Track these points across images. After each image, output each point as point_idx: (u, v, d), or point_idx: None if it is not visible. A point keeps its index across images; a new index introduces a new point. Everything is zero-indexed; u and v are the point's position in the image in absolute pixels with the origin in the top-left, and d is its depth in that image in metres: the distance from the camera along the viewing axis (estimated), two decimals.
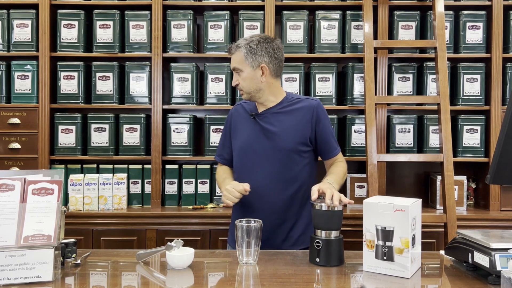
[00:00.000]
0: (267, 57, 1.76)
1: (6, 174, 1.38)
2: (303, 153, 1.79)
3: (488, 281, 1.32)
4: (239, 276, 1.40)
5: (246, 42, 1.76)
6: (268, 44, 1.77)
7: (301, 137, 1.77)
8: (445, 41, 2.58)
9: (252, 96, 1.81)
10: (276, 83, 1.84)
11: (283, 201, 1.77)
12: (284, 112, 1.80)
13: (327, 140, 1.81)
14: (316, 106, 1.81)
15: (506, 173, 1.34)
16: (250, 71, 1.76)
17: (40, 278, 1.30)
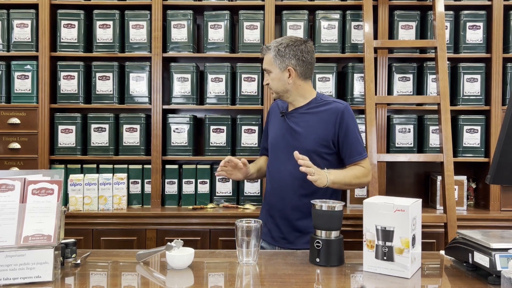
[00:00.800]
0: (295, 60, 1.81)
1: (6, 174, 1.38)
2: (325, 154, 1.81)
3: (488, 281, 1.32)
4: (239, 276, 1.40)
5: (275, 45, 1.82)
6: (296, 47, 1.81)
7: (322, 139, 1.80)
8: (445, 41, 2.58)
9: (281, 96, 1.87)
10: (305, 85, 1.87)
11: (302, 200, 1.80)
12: (311, 113, 1.84)
13: (350, 145, 1.80)
14: (343, 109, 1.81)
15: (506, 173, 1.34)
16: (278, 72, 1.82)
17: (40, 278, 1.30)
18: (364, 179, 1.82)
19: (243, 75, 2.83)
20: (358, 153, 1.81)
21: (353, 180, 1.78)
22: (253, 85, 2.83)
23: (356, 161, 1.82)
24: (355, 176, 1.79)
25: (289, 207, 1.83)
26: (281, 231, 1.86)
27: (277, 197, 1.87)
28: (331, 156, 1.83)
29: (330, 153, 1.82)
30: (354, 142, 1.81)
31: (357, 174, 1.79)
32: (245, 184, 2.82)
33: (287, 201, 1.84)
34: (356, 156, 1.81)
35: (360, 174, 1.80)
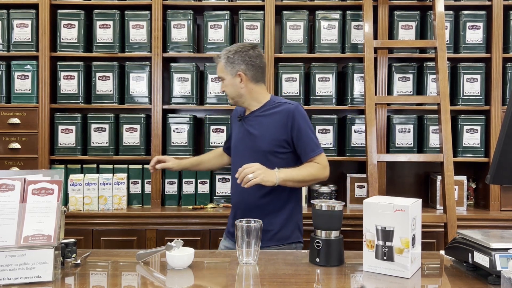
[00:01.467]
0: (244, 65, 1.89)
1: (6, 174, 1.38)
2: (281, 154, 1.87)
3: (488, 281, 1.32)
4: (239, 276, 1.40)
5: (225, 53, 1.92)
6: (244, 53, 1.90)
7: (276, 139, 1.86)
8: (445, 41, 2.58)
9: (236, 101, 1.96)
10: (258, 88, 1.94)
11: (261, 199, 1.86)
12: (265, 115, 1.91)
13: (303, 144, 1.86)
14: (293, 110, 1.88)
15: (506, 173, 1.34)
16: (230, 78, 1.91)
17: (40, 278, 1.30)
18: (319, 175, 1.87)
19: None
20: (311, 151, 1.86)
21: (306, 177, 1.83)
22: None
23: (310, 158, 1.87)
24: (309, 173, 1.84)
25: (250, 207, 1.89)
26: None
27: (239, 197, 1.94)
28: (287, 154, 1.89)
29: (286, 152, 1.88)
30: (307, 140, 1.86)
31: (311, 171, 1.84)
32: None
33: (248, 201, 1.89)
34: (309, 154, 1.86)
35: (314, 171, 1.85)
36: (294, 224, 1.94)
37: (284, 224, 1.90)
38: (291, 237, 1.92)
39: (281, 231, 1.88)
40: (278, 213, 1.89)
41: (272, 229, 1.87)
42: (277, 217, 1.89)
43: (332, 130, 2.83)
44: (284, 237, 1.90)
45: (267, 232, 1.84)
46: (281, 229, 1.89)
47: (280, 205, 1.90)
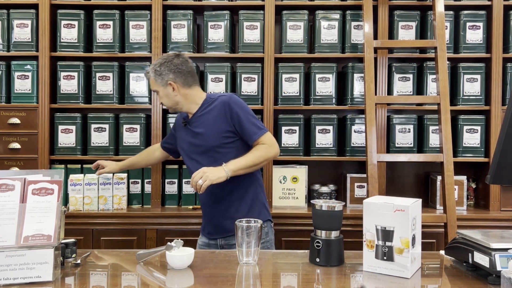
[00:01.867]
0: (172, 74, 1.98)
1: (6, 174, 1.38)
2: (229, 144, 1.95)
3: (488, 281, 1.32)
4: (239, 276, 1.40)
5: (152, 67, 2.01)
6: (169, 62, 1.99)
7: (221, 132, 1.94)
8: (445, 41, 2.58)
9: (175, 109, 2.05)
10: (192, 92, 2.02)
11: (222, 190, 1.93)
12: (205, 113, 1.99)
13: (245, 129, 1.93)
14: (227, 100, 1.95)
15: (506, 173, 1.34)
16: (162, 89, 2.00)
17: (40, 278, 1.30)
18: (268, 154, 1.92)
19: (243, 75, 2.83)
20: (253, 134, 1.93)
21: (256, 160, 1.88)
22: (253, 85, 2.83)
23: (255, 141, 1.93)
24: (257, 156, 1.89)
25: (216, 201, 1.98)
26: (212, 226, 2.03)
27: (204, 195, 2.00)
28: (236, 143, 1.96)
29: (234, 141, 1.95)
30: (247, 125, 1.93)
31: (258, 153, 1.90)
32: None
33: (212, 197, 1.98)
34: (252, 137, 1.93)
35: (261, 152, 1.90)
36: (260, 204, 2.03)
37: (250, 206, 1.99)
38: (260, 217, 1.97)
39: (248, 214, 1.94)
40: (242, 198, 1.98)
41: (240, 214, 1.93)
42: (243, 202, 1.98)
43: (332, 130, 2.83)
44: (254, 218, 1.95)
45: (236, 219, 1.91)
46: (248, 212, 1.96)
47: (243, 191, 1.98)
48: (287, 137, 2.83)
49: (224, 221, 1.97)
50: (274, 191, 2.82)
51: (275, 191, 2.82)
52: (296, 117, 2.85)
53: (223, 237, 1.99)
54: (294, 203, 2.83)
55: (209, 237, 2.04)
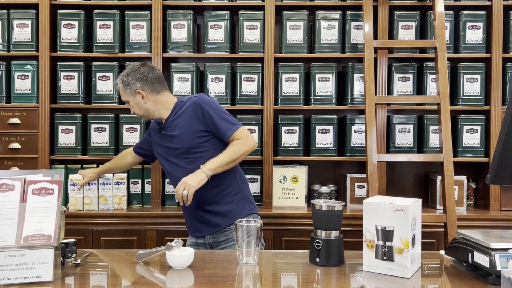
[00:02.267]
0: (139, 82, 2.01)
1: (6, 174, 1.38)
2: (203, 143, 1.97)
3: (488, 281, 1.32)
4: (239, 276, 1.40)
5: (120, 78, 2.04)
6: (135, 72, 2.02)
7: (194, 132, 1.97)
8: (445, 41, 2.58)
9: (147, 116, 2.07)
10: (162, 97, 2.05)
11: (204, 188, 1.90)
12: (177, 117, 2.02)
13: (217, 126, 1.95)
14: (197, 100, 1.98)
15: (506, 173, 1.34)
16: (132, 99, 2.03)
17: (40, 278, 1.30)
18: (244, 149, 1.93)
19: (243, 75, 2.83)
20: (227, 130, 1.95)
21: (233, 156, 1.91)
22: (253, 85, 2.83)
23: (229, 137, 1.95)
24: (233, 152, 1.91)
25: (202, 202, 1.99)
26: (199, 224, 2.05)
27: None
28: (211, 141, 1.98)
29: (210, 139, 1.98)
30: (220, 123, 1.95)
31: (235, 149, 1.92)
32: None
33: (197, 198, 1.97)
34: (226, 133, 1.95)
35: (238, 148, 1.92)
36: (244, 199, 2.06)
37: (235, 202, 2.02)
38: (244, 211, 2.03)
39: (234, 209, 1.99)
40: (226, 195, 2.01)
41: (226, 210, 1.99)
42: (226, 198, 2.01)
43: (332, 130, 2.83)
44: (238, 212, 2.01)
45: (223, 215, 1.99)
46: (234, 207, 2.01)
47: (225, 187, 2.00)
48: (287, 137, 2.83)
49: (210, 218, 2.01)
50: (274, 191, 2.82)
51: (275, 191, 2.82)
52: (296, 117, 2.85)
53: (210, 233, 2.02)
54: (294, 203, 2.83)
55: (198, 235, 2.06)
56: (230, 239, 1.98)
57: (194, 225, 2.07)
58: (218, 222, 2.01)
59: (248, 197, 2.10)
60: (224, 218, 2.00)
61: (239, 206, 2.03)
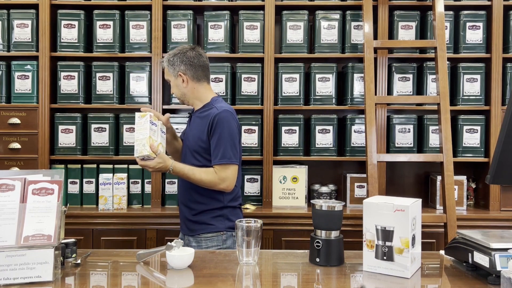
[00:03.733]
0: (183, 65, 2.01)
1: (6, 174, 1.38)
2: (204, 154, 1.96)
3: (488, 281, 1.32)
4: (239, 276, 1.40)
5: (167, 57, 2.05)
6: (183, 54, 2.02)
7: (199, 139, 1.96)
8: (445, 41, 2.58)
9: (182, 100, 2.08)
10: (200, 87, 2.04)
11: (190, 192, 1.97)
12: (199, 117, 2.02)
13: (214, 147, 1.92)
14: (215, 115, 1.93)
15: (506, 173, 1.34)
16: (173, 79, 2.04)
17: (40, 278, 1.30)
18: (210, 184, 1.90)
19: (243, 75, 2.83)
20: (215, 157, 1.91)
21: (197, 179, 1.89)
22: (253, 85, 2.83)
23: (213, 165, 1.91)
24: (199, 178, 1.89)
25: (183, 198, 2.04)
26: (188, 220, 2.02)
27: (179, 191, 2.08)
28: (205, 153, 1.96)
29: (203, 151, 1.96)
30: (218, 146, 1.91)
31: (203, 177, 1.89)
32: (245, 184, 2.83)
33: (181, 191, 2.04)
34: (214, 159, 1.91)
35: (206, 178, 1.89)
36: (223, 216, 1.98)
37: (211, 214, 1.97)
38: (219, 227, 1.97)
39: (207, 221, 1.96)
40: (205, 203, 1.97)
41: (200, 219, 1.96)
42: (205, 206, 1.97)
43: (332, 130, 2.83)
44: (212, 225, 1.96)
45: (196, 222, 1.97)
46: (208, 220, 1.96)
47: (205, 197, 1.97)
48: (287, 137, 2.83)
49: (186, 224, 2.01)
50: (274, 191, 2.82)
51: (275, 191, 2.82)
52: (296, 117, 2.85)
53: (186, 234, 2.02)
54: (294, 203, 2.83)
55: (183, 232, 2.06)
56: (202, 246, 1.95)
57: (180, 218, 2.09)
58: (193, 227, 1.99)
59: (228, 216, 1.99)
60: (198, 225, 1.97)
61: (214, 220, 1.97)
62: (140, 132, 1.86)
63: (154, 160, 1.83)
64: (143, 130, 1.85)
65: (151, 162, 1.84)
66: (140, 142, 1.83)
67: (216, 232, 1.95)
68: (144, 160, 1.84)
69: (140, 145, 1.83)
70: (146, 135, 1.83)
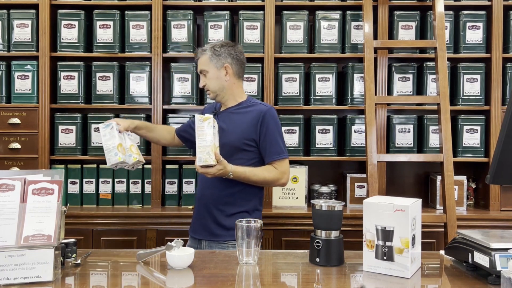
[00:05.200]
0: (230, 58, 1.96)
1: (6, 174, 1.38)
2: (247, 152, 1.92)
3: (488, 281, 1.32)
4: (239, 276, 1.40)
5: (211, 46, 1.98)
6: (230, 47, 1.98)
7: (245, 137, 1.91)
8: (445, 41, 2.58)
9: (218, 95, 1.99)
10: (238, 84, 2.02)
11: (225, 193, 1.91)
12: (238, 113, 1.97)
13: (267, 145, 1.91)
14: (265, 111, 1.92)
15: (506, 173, 1.34)
16: (215, 71, 1.96)
17: (40, 278, 1.30)
18: (273, 180, 1.91)
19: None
20: (274, 153, 1.91)
21: (261, 179, 1.88)
22: (253, 85, 2.83)
23: (271, 161, 1.92)
24: (262, 176, 1.88)
25: (211, 199, 1.94)
26: (201, 222, 1.97)
27: (204, 188, 1.97)
28: (254, 153, 1.94)
29: (253, 150, 1.93)
30: (272, 143, 1.91)
31: (266, 175, 1.89)
32: None
33: (211, 192, 1.94)
34: (272, 156, 1.91)
35: (269, 175, 1.90)
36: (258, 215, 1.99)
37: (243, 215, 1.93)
38: None
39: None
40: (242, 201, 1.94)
41: (230, 224, 1.87)
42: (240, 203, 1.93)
43: (332, 130, 2.83)
44: None
45: (225, 228, 1.90)
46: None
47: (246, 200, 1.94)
48: (287, 137, 2.83)
49: (215, 228, 1.94)
50: (274, 191, 2.82)
51: (275, 191, 2.82)
52: (296, 117, 2.85)
53: (208, 240, 1.95)
54: (294, 203, 2.83)
55: (197, 237, 1.99)
56: None
57: (200, 222, 1.98)
58: (218, 232, 1.93)
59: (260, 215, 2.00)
60: (228, 231, 1.91)
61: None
62: (203, 138, 1.71)
63: (215, 168, 1.74)
64: (206, 136, 1.70)
65: (211, 169, 1.74)
66: (204, 150, 1.70)
67: None
68: (205, 167, 1.74)
69: (204, 153, 1.71)
70: (210, 142, 1.71)
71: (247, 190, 1.94)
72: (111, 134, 1.88)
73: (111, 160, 1.84)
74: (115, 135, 1.86)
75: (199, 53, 2.00)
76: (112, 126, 1.90)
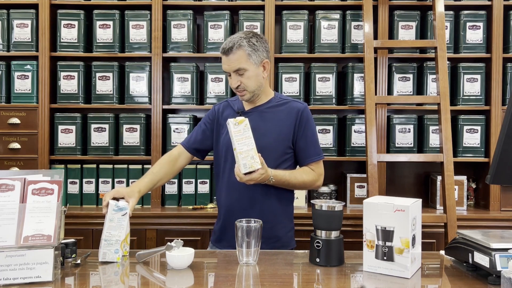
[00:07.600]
0: (265, 53, 1.74)
1: (6, 174, 1.38)
2: (285, 154, 1.77)
3: (488, 281, 1.32)
4: (239, 276, 1.40)
5: (246, 38, 1.69)
6: (262, 40, 1.74)
7: (282, 137, 1.76)
8: (445, 41, 2.58)
9: (252, 95, 1.75)
10: (266, 79, 1.81)
11: (262, 197, 1.75)
12: (271, 112, 1.78)
13: (306, 145, 1.77)
14: (303, 109, 1.77)
15: (506, 173, 1.34)
16: (254, 69, 1.70)
17: (40, 278, 1.30)
18: (311, 184, 1.78)
19: None
20: (314, 154, 1.78)
21: (299, 183, 1.75)
22: None
23: (310, 162, 1.79)
24: (301, 180, 1.75)
25: (247, 204, 1.75)
26: None
27: (236, 194, 1.76)
28: (290, 154, 1.79)
29: (289, 152, 1.78)
30: (311, 143, 1.78)
31: (305, 178, 1.76)
32: None
33: (244, 197, 1.75)
34: (311, 157, 1.78)
35: (307, 179, 1.77)
36: (292, 229, 1.88)
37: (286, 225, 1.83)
38: (291, 244, 1.84)
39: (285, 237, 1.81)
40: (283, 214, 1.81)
41: (274, 234, 1.76)
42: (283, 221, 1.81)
43: (332, 130, 2.83)
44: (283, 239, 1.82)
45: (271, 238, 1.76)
46: (286, 234, 1.81)
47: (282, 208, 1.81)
48: None
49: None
50: None
51: None
52: None
53: None
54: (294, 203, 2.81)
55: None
56: None
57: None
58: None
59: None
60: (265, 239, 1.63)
61: (287, 236, 1.81)
62: (243, 142, 1.54)
63: (258, 172, 1.57)
64: (246, 139, 1.54)
65: (255, 174, 1.57)
66: (248, 155, 1.54)
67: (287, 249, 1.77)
68: (249, 174, 1.57)
69: (248, 158, 1.54)
70: (252, 146, 1.54)
71: (285, 196, 1.81)
72: (120, 223, 1.51)
73: (107, 256, 1.49)
74: (124, 225, 1.52)
75: (235, 48, 1.67)
76: (126, 213, 1.53)
